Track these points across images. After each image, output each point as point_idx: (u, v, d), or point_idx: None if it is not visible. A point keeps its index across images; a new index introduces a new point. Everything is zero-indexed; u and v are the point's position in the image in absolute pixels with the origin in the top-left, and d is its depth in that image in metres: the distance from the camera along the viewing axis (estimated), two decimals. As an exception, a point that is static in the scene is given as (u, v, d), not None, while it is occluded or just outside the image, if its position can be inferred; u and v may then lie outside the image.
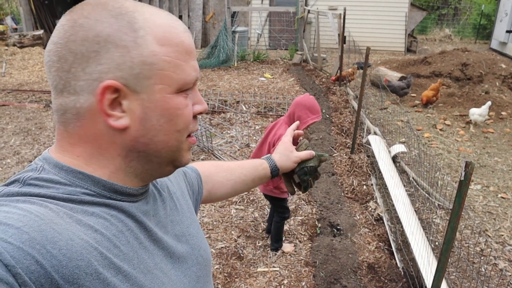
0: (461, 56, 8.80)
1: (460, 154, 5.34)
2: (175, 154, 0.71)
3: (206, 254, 0.86)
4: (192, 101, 0.71)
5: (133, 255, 0.65)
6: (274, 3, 13.23)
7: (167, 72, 0.65)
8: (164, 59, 0.65)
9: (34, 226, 0.53)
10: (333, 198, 4.01)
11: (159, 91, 0.65)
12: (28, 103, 7.17)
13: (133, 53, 0.63)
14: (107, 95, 0.62)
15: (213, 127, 5.76)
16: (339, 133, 5.75)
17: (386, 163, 4.34)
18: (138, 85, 0.64)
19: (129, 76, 0.63)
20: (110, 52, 0.62)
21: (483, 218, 3.89)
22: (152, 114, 0.65)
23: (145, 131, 0.66)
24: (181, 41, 0.67)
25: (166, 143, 0.68)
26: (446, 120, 6.60)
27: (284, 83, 8.33)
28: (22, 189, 0.60)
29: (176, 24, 0.69)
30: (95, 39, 0.61)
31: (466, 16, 19.77)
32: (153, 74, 0.64)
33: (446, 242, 1.92)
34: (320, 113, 2.86)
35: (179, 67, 0.67)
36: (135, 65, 0.63)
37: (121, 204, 0.68)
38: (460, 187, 1.80)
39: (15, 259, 0.49)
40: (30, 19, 14.24)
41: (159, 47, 0.64)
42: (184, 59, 0.67)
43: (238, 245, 3.30)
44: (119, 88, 0.62)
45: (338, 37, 8.41)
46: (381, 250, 3.31)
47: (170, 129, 0.68)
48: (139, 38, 0.63)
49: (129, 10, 0.64)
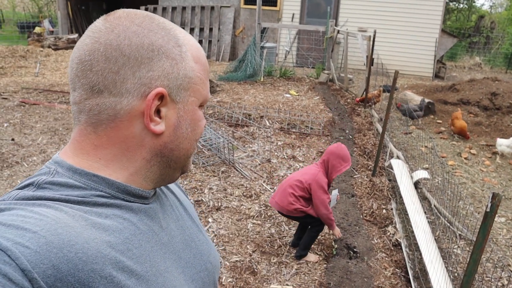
0: (490, 85, 8.66)
1: (485, 184, 5.22)
2: (187, 161, 0.77)
3: (215, 261, 0.87)
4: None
5: (145, 258, 0.66)
6: (304, 21, 13.33)
7: (198, 87, 0.73)
8: (198, 75, 0.73)
9: (51, 230, 0.54)
10: (351, 220, 3.97)
11: (192, 102, 0.73)
12: (58, 103, 7.37)
13: (180, 65, 0.69)
14: (156, 101, 0.67)
15: (235, 140, 5.79)
16: (361, 154, 5.70)
17: (408, 188, 4.28)
18: (178, 95, 0.70)
19: (173, 85, 0.69)
20: (162, 61, 0.67)
21: (506, 252, 3.78)
22: (184, 123, 0.72)
23: (175, 137, 0.71)
24: (205, 62, 0.76)
25: (187, 150, 0.75)
26: (472, 149, 6.47)
27: (309, 101, 8.34)
28: (37, 193, 0.61)
29: (199, 46, 0.76)
30: (150, 47, 0.66)
31: (498, 45, 19.48)
32: (190, 87, 0.71)
33: (468, 274, 1.88)
34: (350, 160, 3.25)
35: (205, 84, 0.75)
36: (180, 77, 0.70)
37: (133, 206, 0.69)
38: (486, 219, 1.76)
39: (32, 264, 0.50)
40: (67, 23, 14.72)
41: (195, 64, 0.72)
42: (207, 77, 0.76)
43: (252, 260, 3.29)
44: (164, 96, 0.67)
45: (366, 59, 8.39)
46: (397, 276, 3.24)
47: (192, 137, 0.75)
48: (183, 53, 0.70)
49: (171, 27, 0.72)
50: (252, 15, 13.59)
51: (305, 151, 5.64)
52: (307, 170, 3.31)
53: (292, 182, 3.24)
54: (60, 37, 13.46)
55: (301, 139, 6.11)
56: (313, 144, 5.94)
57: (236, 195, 4.29)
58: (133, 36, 0.65)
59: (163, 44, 0.68)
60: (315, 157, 5.42)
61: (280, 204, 3.25)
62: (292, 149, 5.67)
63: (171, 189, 0.87)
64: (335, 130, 6.66)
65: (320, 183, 3.15)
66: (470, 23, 23.14)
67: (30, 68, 10.73)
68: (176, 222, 0.80)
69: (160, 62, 0.67)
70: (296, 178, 3.26)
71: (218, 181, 4.56)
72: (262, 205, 4.11)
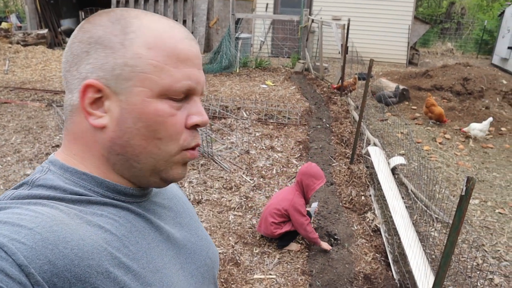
0: (462, 71, 8.85)
1: (459, 168, 5.35)
2: (159, 164, 0.68)
3: (214, 256, 0.87)
4: (187, 112, 0.69)
5: (142, 255, 0.66)
6: (278, 11, 13.30)
7: (149, 75, 0.64)
8: (149, 62, 0.64)
9: (46, 227, 0.54)
10: (331, 208, 4.02)
11: (138, 93, 0.65)
12: (30, 101, 7.18)
13: (117, 54, 0.64)
14: (89, 94, 0.65)
15: (213, 132, 5.77)
16: (338, 143, 5.76)
17: (385, 174, 4.35)
18: (118, 86, 0.65)
19: (110, 76, 0.64)
20: (97, 53, 0.65)
21: (480, 233, 3.90)
22: (128, 116, 0.65)
23: (121, 132, 0.66)
24: (175, 46, 0.66)
25: (144, 148, 0.67)
26: (446, 134, 6.62)
27: (286, 91, 8.36)
28: (32, 192, 0.62)
29: (175, 31, 0.68)
30: (88, 40, 0.66)
31: (469, 31, 19.89)
32: (134, 76, 0.64)
33: (445, 256, 1.93)
34: (323, 177, 3.32)
35: (165, 72, 0.65)
36: (117, 66, 0.64)
37: (128, 205, 0.69)
38: (461, 202, 1.80)
39: (28, 259, 0.50)
40: (35, 18, 14.30)
41: (146, 50, 0.65)
42: (173, 65, 0.66)
43: (235, 252, 3.30)
44: (100, 88, 0.65)
45: (341, 47, 8.45)
46: (377, 261, 3.31)
47: (148, 135, 0.66)
48: (127, 40, 0.65)
49: (129, 16, 0.67)
50: (226, 6, 13.48)
51: (283, 141, 5.66)
52: (284, 196, 3.38)
53: (271, 211, 3.35)
54: (29, 33, 13.08)
55: (279, 129, 6.13)
56: (291, 134, 5.97)
57: (216, 187, 4.29)
58: (80, 33, 0.67)
59: (102, 34, 0.65)
60: (293, 146, 5.45)
61: (267, 232, 3.37)
62: (270, 139, 5.69)
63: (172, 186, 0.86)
64: (312, 119, 6.70)
65: (296, 207, 3.25)
66: (442, 10, 23.54)
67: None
68: (174, 219, 0.80)
69: (95, 53, 0.65)
70: (274, 206, 3.35)
71: (197, 174, 4.55)
72: (243, 196, 4.12)
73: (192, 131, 0.70)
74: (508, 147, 6.18)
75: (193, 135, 0.70)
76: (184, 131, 0.68)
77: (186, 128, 0.69)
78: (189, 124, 0.69)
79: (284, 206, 3.29)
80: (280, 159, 5.07)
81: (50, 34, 13.64)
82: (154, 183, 0.71)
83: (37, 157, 4.89)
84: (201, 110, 0.70)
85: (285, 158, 5.11)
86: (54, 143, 5.31)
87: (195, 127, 0.71)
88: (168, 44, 0.66)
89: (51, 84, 8.54)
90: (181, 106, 0.68)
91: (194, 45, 0.70)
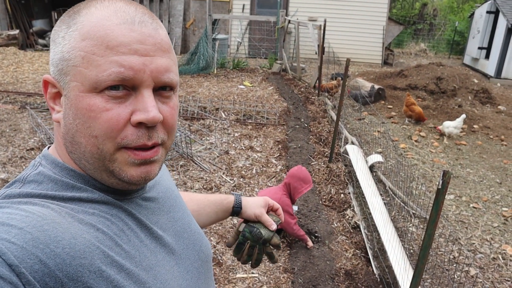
0: (436, 70, 9.06)
1: (434, 165, 5.48)
2: (106, 164, 0.63)
3: (207, 250, 0.87)
4: (132, 108, 0.62)
5: (134, 253, 0.65)
6: (255, 12, 13.34)
7: (79, 68, 0.60)
8: (78, 54, 0.60)
9: (37, 226, 0.53)
10: (311, 206, 4.05)
11: (73, 88, 0.61)
12: (2, 104, 6.99)
13: (58, 48, 0.63)
14: (48, 89, 0.66)
15: (192, 133, 5.74)
16: (317, 142, 5.82)
17: (364, 172, 4.42)
18: (61, 81, 0.64)
19: (56, 71, 0.64)
20: (52, 49, 0.66)
21: (456, 227, 4.00)
22: (69, 112, 0.63)
23: (66, 128, 0.64)
24: (105, 34, 0.60)
25: (85, 147, 0.62)
26: (421, 131, 6.77)
27: (264, 92, 8.39)
28: (23, 189, 0.61)
29: (115, 16, 0.62)
30: (52, 37, 0.67)
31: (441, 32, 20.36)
32: (69, 70, 0.61)
33: (423, 249, 1.97)
34: (311, 182, 3.35)
35: (92, 63, 0.60)
36: (57, 61, 0.64)
37: (119, 203, 0.68)
38: (438, 195, 1.85)
39: (18, 259, 0.49)
40: (5, 18, 13.92)
41: (80, 41, 0.60)
42: (101, 53, 0.59)
43: (217, 251, 3.29)
44: (53, 83, 0.65)
45: (318, 48, 8.53)
46: (358, 257, 3.36)
47: (85, 131, 0.61)
48: (67, 34, 0.62)
49: (85, 7, 0.63)
50: (202, 7, 13.44)
51: (262, 141, 5.68)
52: (271, 194, 3.36)
53: None
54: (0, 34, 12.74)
55: (257, 130, 6.14)
56: (270, 134, 6.00)
57: (197, 188, 4.27)
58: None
59: (55, 30, 0.66)
60: (272, 146, 5.48)
61: None
62: (249, 139, 5.70)
63: (159, 181, 0.85)
64: (291, 119, 6.75)
65: (284, 207, 3.25)
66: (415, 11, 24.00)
67: (-31, 68, 10.10)
68: (167, 214, 0.80)
69: (51, 49, 0.66)
70: None
71: (177, 175, 4.52)
72: (223, 196, 4.11)
73: (139, 129, 0.62)
74: (480, 144, 6.36)
75: (139, 134, 0.62)
76: (125, 128, 0.62)
77: (132, 125, 0.62)
78: (132, 121, 0.62)
79: None
80: (259, 159, 5.09)
81: (21, 35, 13.31)
82: (117, 185, 0.67)
83: (11, 160, 4.77)
84: (147, 105, 0.62)
85: (264, 158, 5.13)
86: (28, 146, 5.18)
87: (143, 125, 0.63)
88: (100, 32, 0.60)
89: (24, 86, 8.33)
90: (125, 100, 0.62)
91: (136, 29, 0.62)
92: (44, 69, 10.28)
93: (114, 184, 0.67)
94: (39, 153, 0.71)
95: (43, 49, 13.32)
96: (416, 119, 7.08)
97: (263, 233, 1.08)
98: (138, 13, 0.64)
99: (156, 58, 0.63)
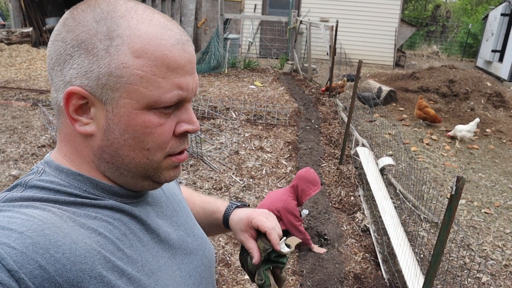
0: (448, 73, 8.97)
1: (446, 168, 5.42)
2: (149, 171, 0.68)
3: (211, 255, 0.87)
4: (177, 119, 0.67)
5: (137, 257, 0.65)
6: (266, 12, 13.33)
7: (136, 87, 0.61)
8: (135, 72, 0.60)
9: (38, 231, 0.53)
10: (320, 208, 4.03)
11: (125, 105, 0.62)
12: (15, 100, 7.07)
13: (101, 62, 0.60)
14: (73, 101, 0.62)
15: (202, 132, 5.75)
16: (327, 143, 5.79)
17: (374, 175, 4.38)
18: (103, 95, 0.62)
19: (95, 85, 0.61)
20: (81, 58, 0.61)
21: (467, 232, 3.95)
22: (116, 128, 0.63)
23: (109, 142, 0.64)
24: (164, 54, 0.62)
25: (132, 159, 0.65)
26: (433, 135, 6.70)
27: (274, 92, 8.37)
28: (24, 194, 0.60)
29: (166, 35, 0.63)
30: (71, 43, 0.61)
31: (454, 34, 20.18)
32: (120, 87, 0.61)
33: (435, 255, 1.95)
34: (319, 184, 3.32)
35: (153, 83, 0.61)
36: (102, 75, 0.61)
37: (123, 206, 0.68)
38: (451, 201, 1.83)
39: (18, 264, 0.49)
40: (19, 16, 14.08)
41: (133, 59, 0.60)
42: (162, 75, 0.62)
43: (225, 252, 3.29)
44: (84, 95, 0.62)
45: (329, 49, 8.49)
46: (367, 261, 3.33)
47: (136, 145, 0.64)
48: (112, 47, 0.60)
49: (116, 15, 0.62)
50: (214, 7, 13.46)
51: (272, 141, 5.67)
52: (278, 197, 3.33)
53: None
54: (13, 31, 12.88)
55: (268, 130, 6.13)
56: (280, 134, 5.98)
57: (206, 188, 4.27)
58: (63, 30, 0.63)
59: (85, 38, 0.61)
60: (282, 147, 5.46)
61: None
62: (259, 140, 5.69)
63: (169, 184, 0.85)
64: (301, 120, 6.72)
65: (289, 209, 3.21)
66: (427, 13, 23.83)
67: (-17, 64, 10.23)
68: (170, 219, 0.79)
69: (79, 58, 0.61)
70: (267, 207, 3.31)
71: (187, 174, 4.52)
72: (233, 197, 4.11)
73: (180, 137, 0.69)
74: (493, 148, 6.28)
75: (180, 141, 0.69)
76: (171, 138, 0.67)
77: (174, 135, 0.67)
78: (178, 131, 0.67)
79: (277, 207, 3.27)
80: (269, 159, 5.07)
81: (35, 32, 13.44)
82: (148, 186, 0.71)
83: (22, 157, 4.82)
84: (192, 117, 0.68)
85: (274, 158, 5.11)
86: (40, 143, 5.23)
87: (184, 134, 0.69)
88: (157, 52, 0.61)
89: (36, 83, 8.41)
90: (171, 113, 0.66)
91: (187, 49, 0.65)
92: (57, 66, 10.35)
93: (144, 187, 0.70)
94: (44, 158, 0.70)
95: (56, 46, 13.41)
96: (431, 121, 7.01)
97: (248, 262, 0.91)
98: (179, 30, 0.66)
99: (195, 74, 0.69)
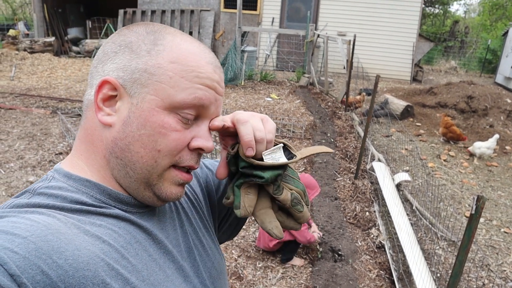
0: (466, 89, 8.86)
1: (464, 186, 5.32)
2: (152, 177, 0.68)
3: (220, 267, 0.85)
4: (194, 133, 0.69)
5: (142, 267, 0.65)
6: (284, 25, 13.40)
7: (164, 86, 0.65)
8: (167, 73, 0.66)
9: (41, 236, 0.53)
10: (335, 223, 3.99)
11: (150, 101, 0.65)
12: (35, 108, 7.20)
13: (140, 60, 0.66)
14: (104, 90, 0.67)
15: (217, 144, 5.76)
16: (343, 157, 5.75)
17: (390, 190, 4.33)
18: (133, 89, 0.66)
19: (129, 78, 0.66)
20: (124, 55, 0.67)
21: (485, 252, 3.86)
22: (135, 120, 0.66)
23: (124, 134, 0.66)
24: (197, 65, 0.68)
25: (141, 157, 0.66)
26: (450, 151, 6.60)
27: (290, 105, 8.37)
28: (31, 200, 0.61)
29: (203, 55, 0.70)
30: (120, 43, 0.69)
31: (472, 50, 19.98)
32: (150, 83, 0.66)
33: (454, 275, 1.90)
34: (317, 186, 3.33)
35: (180, 84, 0.66)
36: (137, 70, 0.66)
37: (128, 216, 0.68)
38: (471, 221, 1.79)
39: (20, 269, 0.49)
40: (43, 25, 14.43)
41: (168, 63, 0.66)
42: (190, 79, 0.66)
43: (238, 265, 3.27)
44: (116, 86, 0.66)
45: (346, 63, 8.48)
46: (382, 278, 3.27)
47: (148, 143, 0.66)
48: (153, 51, 0.67)
49: (165, 32, 0.70)
50: (232, 19, 13.59)
51: (288, 154, 5.64)
52: None
53: None
54: (36, 40, 13.19)
55: (283, 143, 6.11)
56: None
57: (220, 199, 4.26)
58: (116, 36, 0.71)
59: (133, 40, 0.68)
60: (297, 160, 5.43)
61: (266, 246, 3.40)
62: (274, 152, 5.67)
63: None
64: (317, 134, 6.70)
65: None
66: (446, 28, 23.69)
67: (5, 72, 10.47)
68: (179, 229, 0.78)
69: (123, 55, 0.67)
70: None
71: (201, 185, 4.52)
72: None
73: (192, 152, 0.70)
74: (513, 166, 6.15)
75: (191, 156, 0.70)
76: (184, 149, 0.69)
77: (188, 148, 0.69)
78: (192, 146, 0.69)
79: None
80: (284, 172, 5.05)
81: (57, 42, 13.74)
82: (149, 198, 0.70)
83: (40, 164, 4.89)
84: (208, 135, 0.70)
85: (289, 171, 5.08)
86: (57, 150, 5.30)
87: (197, 151, 0.70)
88: (191, 62, 0.67)
89: (57, 91, 8.57)
90: (190, 126, 0.69)
91: (217, 71, 0.71)
92: (76, 75, 10.56)
93: (145, 198, 0.70)
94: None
95: (76, 56, 13.70)
96: (456, 139, 6.89)
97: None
98: (215, 57, 0.73)
99: (221, 101, 0.73)
